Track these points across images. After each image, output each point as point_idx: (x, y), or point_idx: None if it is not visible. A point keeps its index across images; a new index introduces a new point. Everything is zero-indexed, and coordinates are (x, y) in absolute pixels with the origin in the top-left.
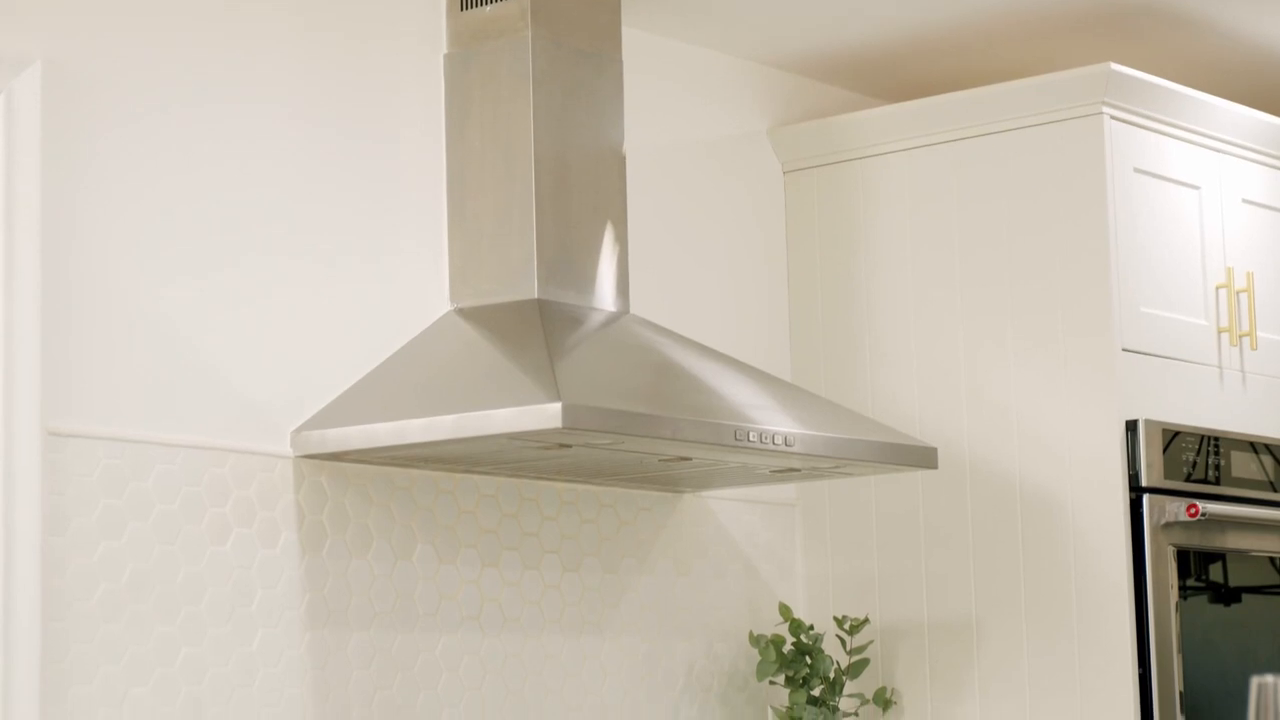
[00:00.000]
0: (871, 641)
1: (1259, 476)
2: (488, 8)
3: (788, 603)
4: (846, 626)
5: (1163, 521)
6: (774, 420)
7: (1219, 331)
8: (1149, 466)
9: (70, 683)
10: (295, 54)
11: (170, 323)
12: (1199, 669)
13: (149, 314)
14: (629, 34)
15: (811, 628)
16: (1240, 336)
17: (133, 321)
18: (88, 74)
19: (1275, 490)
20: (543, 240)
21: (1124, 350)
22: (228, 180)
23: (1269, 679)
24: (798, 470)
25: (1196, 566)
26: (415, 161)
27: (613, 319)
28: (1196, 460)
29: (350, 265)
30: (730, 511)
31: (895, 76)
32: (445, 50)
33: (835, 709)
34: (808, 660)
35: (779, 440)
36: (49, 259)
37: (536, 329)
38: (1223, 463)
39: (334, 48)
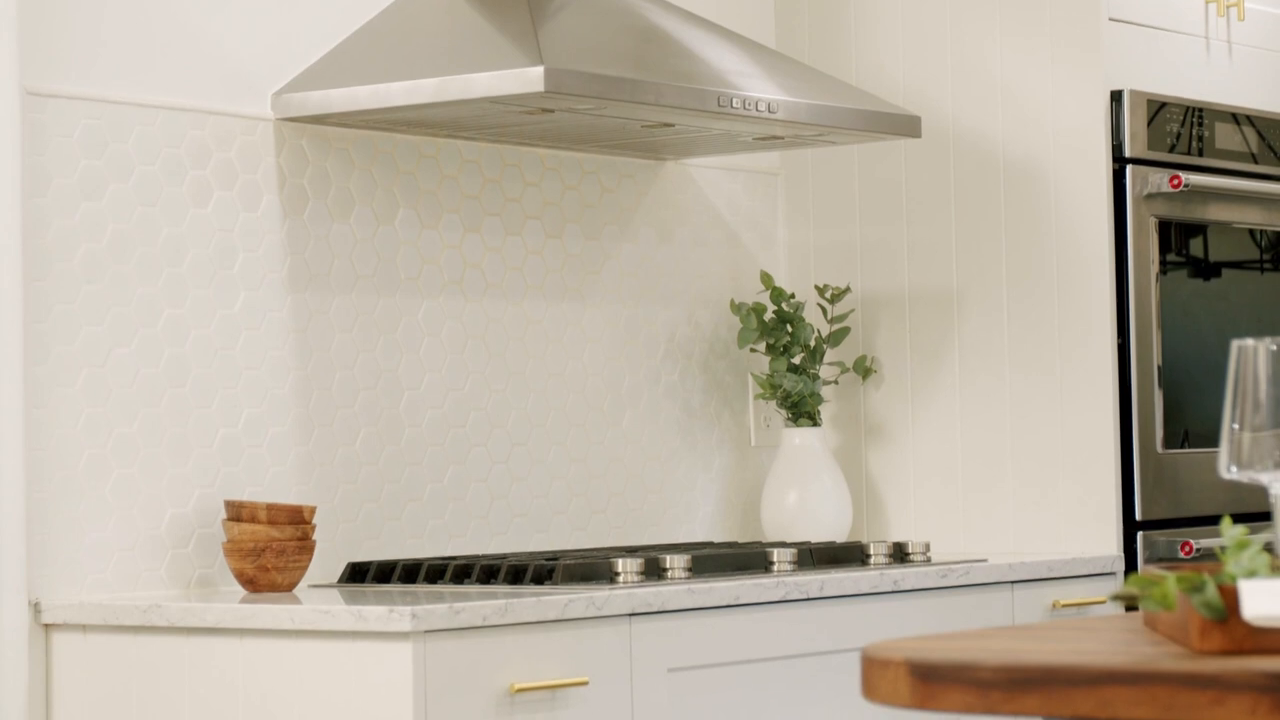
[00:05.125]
0: (852, 310)
1: (1242, 149)
2: None
3: (769, 271)
4: (827, 295)
5: (1145, 193)
6: (757, 87)
7: (1206, 2)
8: (1133, 137)
9: (53, 342)
10: None
11: None
12: (1178, 342)
13: None
14: None
15: (793, 296)
16: (1228, 7)
17: None
18: None
19: (1258, 163)
20: None
21: (1110, 20)
22: None
23: (1249, 341)
24: (781, 138)
25: (1178, 240)
26: None
27: None
28: (1181, 132)
29: None
30: (712, 179)
31: None
32: None
33: (815, 376)
34: (788, 328)
35: (762, 107)
36: None
37: None
38: (1207, 134)
39: None
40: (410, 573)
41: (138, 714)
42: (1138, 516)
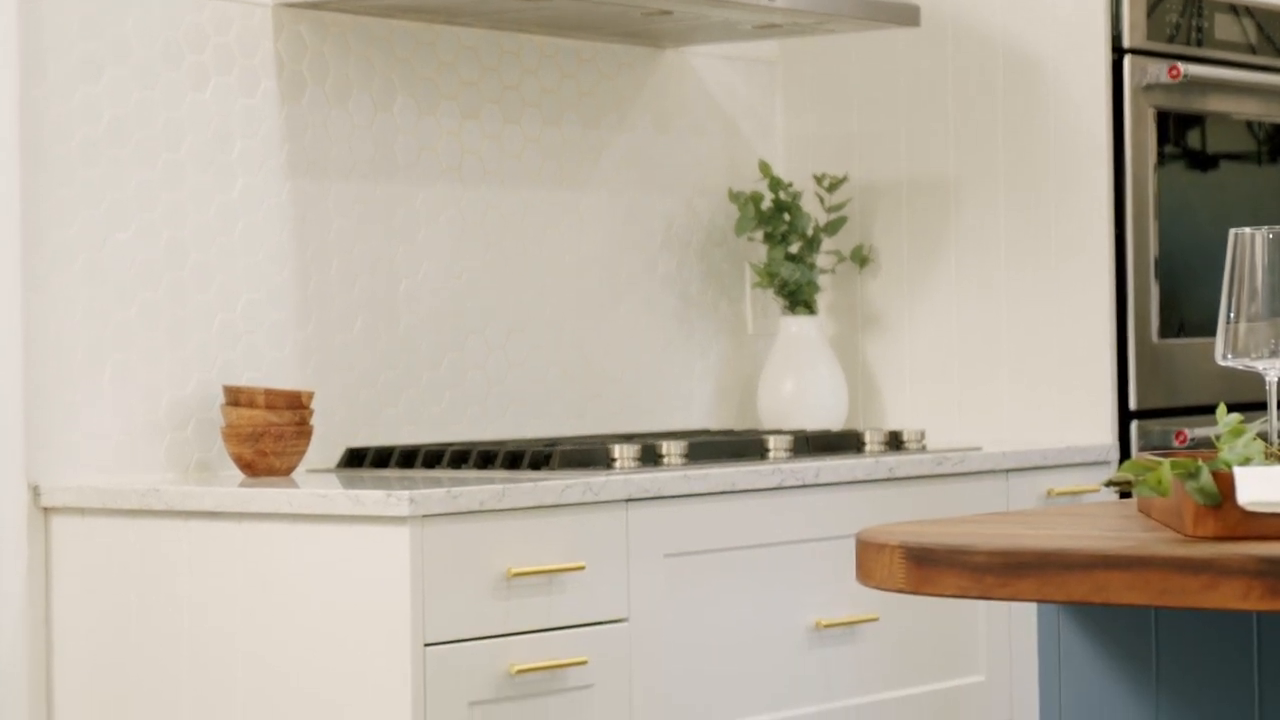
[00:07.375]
0: (850, 200)
1: (1241, 40)
2: None
3: (767, 160)
4: (825, 184)
5: (1144, 83)
6: None
7: None
8: (1132, 27)
9: (50, 227)
10: None
11: None
12: (1175, 233)
13: None
14: None
15: (790, 185)
16: None
17: None
18: None
19: (1256, 54)
20: None
21: None
22: None
23: (1246, 230)
24: (779, 26)
25: (1176, 131)
26: None
27: None
28: (1180, 22)
29: None
30: (711, 69)
31: None
32: None
33: (812, 265)
34: (786, 217)
35: None
36: None
37: None
38: (1206, 25)
39: None
40: (407, 458)
41: (136, 596)
42: (1132, 406)
